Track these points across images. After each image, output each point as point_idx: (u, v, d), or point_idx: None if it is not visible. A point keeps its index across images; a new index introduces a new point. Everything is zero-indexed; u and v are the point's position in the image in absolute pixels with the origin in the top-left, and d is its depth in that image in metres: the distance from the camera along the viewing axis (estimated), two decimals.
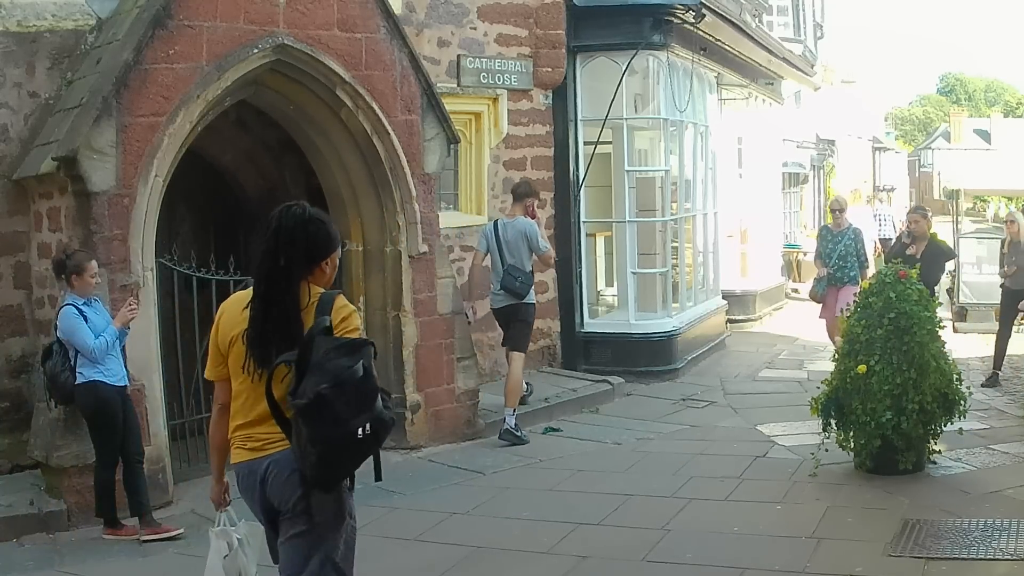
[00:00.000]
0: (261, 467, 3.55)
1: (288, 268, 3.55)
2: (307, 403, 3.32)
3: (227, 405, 3.71)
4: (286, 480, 3.50)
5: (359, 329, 3.61)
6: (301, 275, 3.57)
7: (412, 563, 5.95)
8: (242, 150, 9.07)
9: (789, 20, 23.27)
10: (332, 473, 3.45)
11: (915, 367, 6.90)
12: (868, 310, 7.17)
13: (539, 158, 11.33)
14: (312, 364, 3.37)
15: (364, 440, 3.36)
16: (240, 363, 3.58)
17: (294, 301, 3.53)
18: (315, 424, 3.33)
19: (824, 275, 11.15)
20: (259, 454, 3.56)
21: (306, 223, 3.66)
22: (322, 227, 3.68)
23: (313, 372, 3.35)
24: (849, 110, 38.15)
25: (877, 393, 6.87)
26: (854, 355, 7.09)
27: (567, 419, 9.50)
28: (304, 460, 3.41)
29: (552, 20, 11.12)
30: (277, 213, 3.73)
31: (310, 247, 3.62)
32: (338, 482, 3.51)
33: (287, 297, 3.53)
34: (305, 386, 3.34)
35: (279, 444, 3.51)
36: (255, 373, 3.54)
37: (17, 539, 6.45)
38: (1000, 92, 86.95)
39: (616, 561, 5.79)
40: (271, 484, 3.54)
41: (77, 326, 6.31)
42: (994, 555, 5.51)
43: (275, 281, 3.54)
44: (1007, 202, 44.25)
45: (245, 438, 3.62)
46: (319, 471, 3.41)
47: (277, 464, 3.52)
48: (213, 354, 3.72)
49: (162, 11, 7.01)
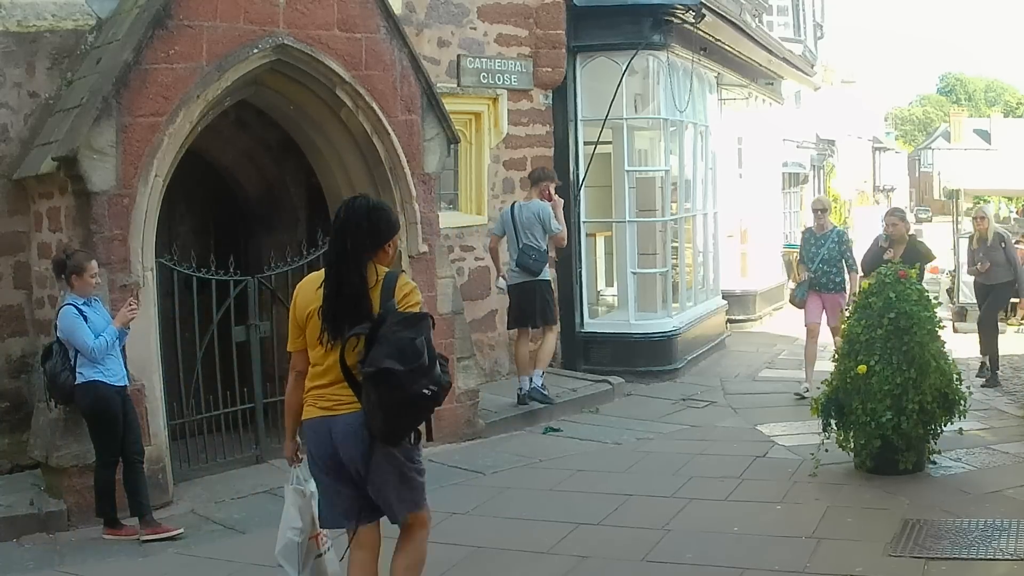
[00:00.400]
0: (333, 425, 4.11)
1: (356, 252, 4.07)
2: (375, 371, 3.89)
3: (303, 373, 4.27)
4: (355, 437, 4.05)
5: (420, 304, 4.16)
6: (367, 257, 4.10)
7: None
8: (242, 150, 9.07)
9: (789, 20, 23.27)
10: (397, 432, 4.03)
11: (915, 367, 6.90)
12: (868, 310, 7.17)
13: (539, 158, 11.32)
14: (379, 336, 3.93)
15: (424, 402, 3.97)
16: (316, 335, 4.13)
17: (363, 281, 4.06)
18: (381, 389, 3.90)
19: (805, 279, 10.34)
20: (331, 413, 4.12)
21: (369, 212, 4.17)
22: (383, 214, 4.23)
23: (380, 343, 3.91)
24: (849, 110, 38.19)
25: (877, 393, 6.87)
26: (854, 355, 7.10)
27: (567, 419, 9.49)
28: (372, 420, 3.98)
29: (552, 20, 11.12)
30: (343, 204, 4.24)
31: (373, 232, 4.13)
32: (401, 438, 4.06)
33: (356, 277, 4.06)
34: (373, 356, 3.91)
35: (349, 406, 4.07)
36: (328, 343, 4.08)
37: (17, 539, 6.45)
38: (1000, 92, 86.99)
39: (616, 561, 5.79)
40: (342, 441, 4.08)
41: (77, 326, 6.31)
42: (994, 555, 5.51)
43: (345, 264, 4.07)
44: (1007, 202, 44.28)
45: (318, 397, 4.18)
46: (386, 430, 3.99)
47: (348, 425, 4.06)
48: (292, 328, 4.29)
49: (162, 11, 7.01)
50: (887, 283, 7.20)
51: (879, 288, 7.21)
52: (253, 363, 8.07)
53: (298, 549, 4.54)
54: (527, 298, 9.46)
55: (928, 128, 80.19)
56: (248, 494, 7.35)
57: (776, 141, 19.16)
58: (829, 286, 10.24)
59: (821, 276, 10.23)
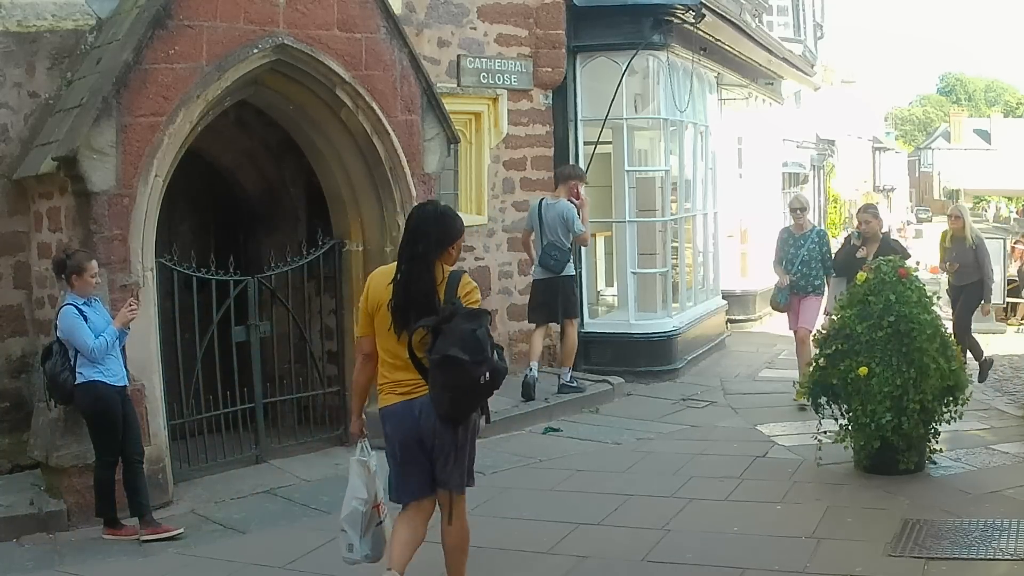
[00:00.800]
0: (415, 407, 4.63)
1: (426, 253, 4.59)
2: (441, 358, 4.41)
3: (370, 355, 4.84)
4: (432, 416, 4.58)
5: (479, 301, 4.73)
6: (435, 257, 4.61)
7: (412, 563, 5.94)
8: (242, 150, 9.07)
9: (789, 20, 23.28)
10: (461, 411, 4.60)
11: (915, 367, 6.90)
12: (867, 308, 7.12)
13: (539, 158, 11.32)
14: (444, 328, 4.44)
15: (484, 386, 4.50)
16: (386, 326, 4.63)
17: (432, 278, 4.59)
18: (448, 374, 4.43)
19: (786, 283, 9.84)
20: (410, 396, 4.65)
21: (437, 218, 4.72)
22: (450, 219, 4.79)
23: (446, 334, 4.43)
24: (849, 110, 38.19)
25: (877, 395, 6.86)
26: (854, 355, 7.07)
27: (567, 419, 9.49)
28: (439, 402, 4.52)
29: (552, 20, 11.12)
30: (414, 211, 4.84)
31: (441, 236, 4.65)
32: (466, 417, 4.64)
33: (426, 275, 4.59)
34: (440, 345, 4.43)
35: (423, 389, 4.59)
36: (398, 334, 4.58)
37: (17, 539, 6.45)
38: (1000, 92, 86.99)
39: (616, 561, 5.79)
40: (424, 419, 4.60)
41: (77, 326, 6.31)
42: (994, 555, 5.51)
43: (416, 264, 4.60)
44: (1007, 202, 44.27)
45: (395, 385, 4.69)
46: (451, 410, 4.55)
47: (426, 405, 4.58)
48: (362, 317, 4.82)
49: (162, 11, 7.01)
50: (887, 282, 7.16)
51: (878, 287, 7.16)
52: (253, 363, 8.07)
53: (362, 517, 4.99)
54: (550, 294, 9.81)
55: (928, 128, 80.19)
56: (248, 494, 7.35)
57: (776, 141, 19.15)
58: (808, 288, 9.82)
59: (800, 279, 9.81)
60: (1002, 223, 40.01)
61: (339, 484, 7.52)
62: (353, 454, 5.07)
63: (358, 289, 8.50)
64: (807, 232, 10.00)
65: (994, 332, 14.44)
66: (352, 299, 8.58)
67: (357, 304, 8.44)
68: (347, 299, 8.62)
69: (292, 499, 7.26)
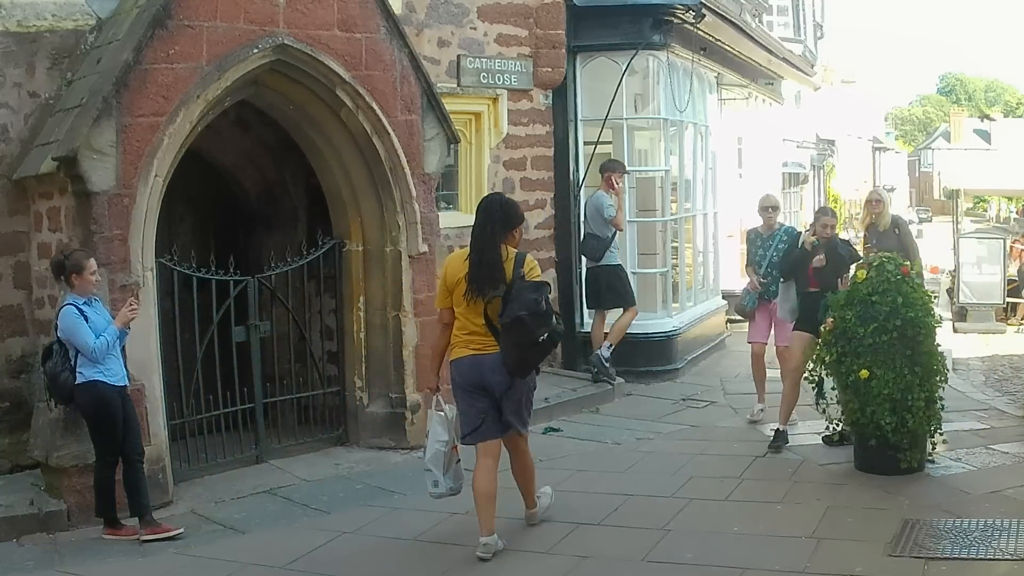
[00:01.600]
0: (484, 361, 5.75)
1: (494, 235, 5.71)
2: (510, 322, 5.60)
3: (448, 325, 5.91)
4: (500, 370, 5.72)
5: (540, 275, 5.94)
6: (501, 239, 5.73)
7: (412, 563, 5.96)
8: (242, 150, 9.07)
9: (789, 20, 23.29)
10: (526, 367, 5.76)
11: (919, 368, 6.90)
12: (870, 309, 7.05)
13: (539, 158, 11.32)
14: (512, 297, 5.63)
15: (543, 345, 5.69)
16: (462, 295, 5.72)
17: (499, 255, 5.69)
18: (516, 334, 5.62)
19: (756, 287, 9.21)
20: (480, 353, 5.77)
21: (503, 206, 5.90)
22: (513, 207, 5.96)
23: (512, 302, 5.62)
24: (849, 110, 38.20)
25: (876, 397, 6.85)
26: (855, 356, 7.05)
27: (567, 419, 9.49)
28: (508, 359, 5.68)
29: (552, 20, 11.12)
30: (483, 201, 6.05)
31: (505, 220, 5.79)
32: (529, 371, 5.81)
33: (495, 253, 5.68)
34: (509, 310, 5.61)
35: (493, 348, 5.72)
36: (473, 302, 5.71)
37: (17, 539, 6.46)
38: (1000, 92, 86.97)
39: (616, 561, 5.79)
40: (491, 373, 5.72)
41: (77, 326, 6.31)
42: (994, 555, 5.51)
43: (485, 243, 5.71)
44: (1008, 202, 44.20)
45: (468, 342, 5.81)
46: (518, 366, 5.71)
47: (495, 361, 5.71)
48: (440, 291, 5.99)
49: (162, 11, 7.01)
50: (892, 283, 7.07)
51: (882, 286, 7.07)
52: (253, 363, 8.07)
53: (444, 457, 6.12)
54: (594, 283, 10.49)
55: (928, 128, 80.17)
56: (248, 494, 7.36)
57: (776, 141, 19.16)
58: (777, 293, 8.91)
59: (771, 283, 9.03)
60: (1002, 223, 40.01)
61: (339, 484, 7.59)
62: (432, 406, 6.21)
63: (358, 289, 8.55)
64: (775, 231, 9.36)
65: (994, 332, 14.45)
66: (352, 299, 8.59)
67: (356, 304, 8.52)
68: (347, 299, 8.62)
69: (292, 499, 7.26)
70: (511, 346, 5.64)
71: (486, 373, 5.74)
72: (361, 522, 6.71)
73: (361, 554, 6.14)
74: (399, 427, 8.46)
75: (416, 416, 8.47)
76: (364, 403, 8.59)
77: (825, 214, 8.67)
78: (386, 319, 8.52)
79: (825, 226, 8.36)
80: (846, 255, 8.30)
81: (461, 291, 5.72)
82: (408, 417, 8.45)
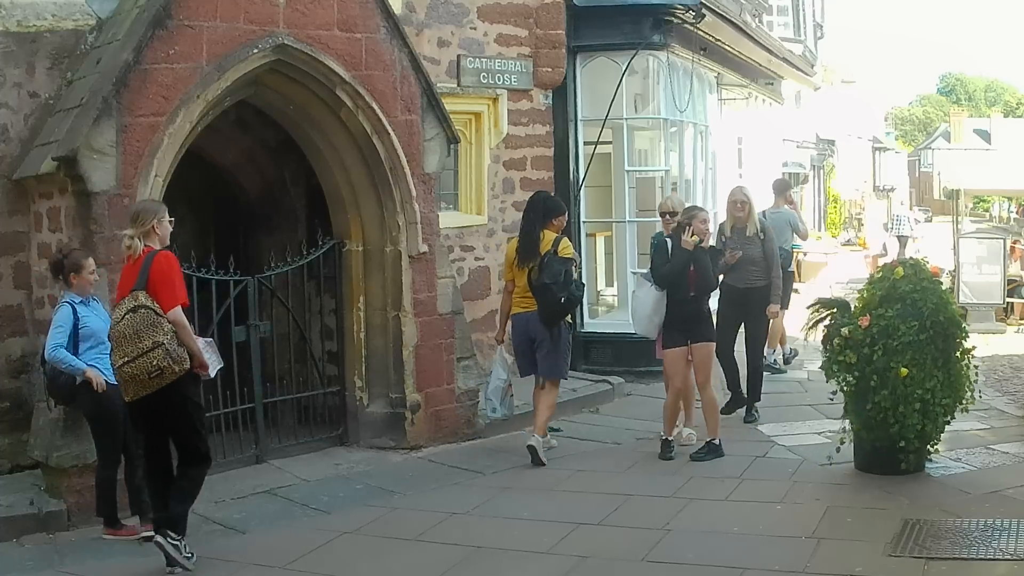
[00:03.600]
0: (530, 316, 7.93)
1: (534, 220, 8.03)
2: (540, 286, 7.80)
3: (511, 291, 8.12)
4: (537, 324, 7.88)
5: (571, 253, 8.00)
6: (543, 226, 7.97)
7: (412, 563, 5.95)
8: (242, 150, 9.07)
9: (789, 20, 23.30)
10: (554, 321, 7.88)
11: (944, 370, 6.90)
12: (911, 307, 6.92)
13: (539, 158, 11.32)
14: (543, 268, 7.79)
15: (565, 304, 7.85)
16: (514, 265, 8.03)
17: (537, 237, 7.93)
18: (545, 296, 7.80)
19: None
20: (528, 310, 7.96)
21: (544, 200, 8.23)
22: (553, 202, 8.28)
23: (544, 271, 7.79)
24: (849, 110, 38.18)
25: (910, 396, 6.83)
26: (892, 353, 6.87)
27: (567, 419, 9.48)
28: (541, 313, 7.86)
29: (552, 20, 11.11)
30: (531, 197, 8.41)
31: (545, 211, 8.05)
32: (555, 324, 7.89)
33: (534, 235, 7.95)
34: (539, 279, 7.80)
35: (534, 307, 7.89)
36: (520, 269, 7.97)
37: (17, 539, 6.46)
38: (1000, 92, 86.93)
39: (616, 561, 5.79)
40: (533, 326, 7.92)
41: (58, 324, 6.30)
42: (994, 555, 5.51)
43: (528, 227, 8.05)
44: (1008, 202, 44.18)
45: (520, 300, 8.02)
46: (547, 320, 7.86)
47: (534, 315, 7.90)
48: (506, 265, 8.29)
49: (162, 11, 7.01)
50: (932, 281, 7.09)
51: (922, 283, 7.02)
52: (253, 363, 8.07)
53: (502, 392, 8.30)
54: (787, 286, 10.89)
55: (928, 128, 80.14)
56: (248, 494, 7.36)
57: (776, 141, 19.16)
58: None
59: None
60: (1004, 223, 40.01)
61: (339, 484, 7.59)
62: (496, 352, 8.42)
63: (358, 289, 8.55)
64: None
65: (994, 332, 14.43)
66: (352, 299, 8.59)
67: (356, 304, 8.53)
68: (347, 299, 8.62)
69: (292, 499, 7.26)
70: (542, 304, 7.80)
71: (530, 325, 7.90)
72: (361, 522, 6.71)
73: (361, 554, 6.14)
74: (399, 427, 8.46)
75: (416, 416, 8.47)
76: (364, 403, 8.58)
77: (700, 210, 8.25)
78: (386, 319, 8.52)
79: (704, 221, 7.93)
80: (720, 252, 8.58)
81: (512, 264, 8.05)
82: (408, 417, 8.45)
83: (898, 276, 7.11)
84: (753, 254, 9.01)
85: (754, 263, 9.03)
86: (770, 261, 9.09)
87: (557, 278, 7.66)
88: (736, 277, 9.02)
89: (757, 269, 9.04)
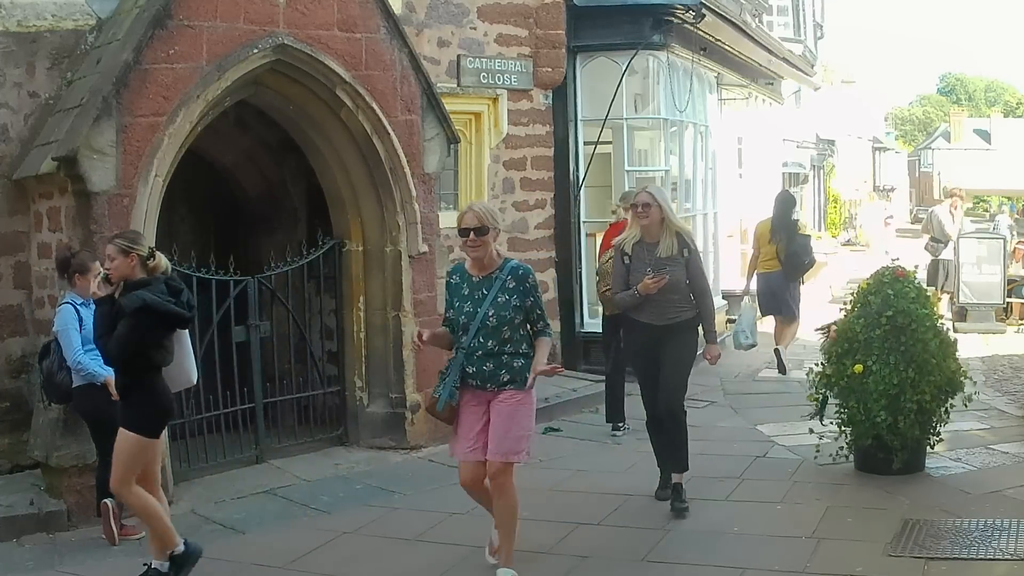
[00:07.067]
0: (772, 275, 11.29)
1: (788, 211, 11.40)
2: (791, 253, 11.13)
3: (757, 257, 11.22)
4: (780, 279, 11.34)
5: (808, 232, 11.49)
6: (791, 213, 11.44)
7: (412, 563, 5.95)
8: (242, 150, 9.07)
9: (789, 20, 23.29)
10: (796, 275, 11.37)
11: (914, 366, 6.88)
12: (867, 308, 7.12)
13: (539, 158, 11.32)
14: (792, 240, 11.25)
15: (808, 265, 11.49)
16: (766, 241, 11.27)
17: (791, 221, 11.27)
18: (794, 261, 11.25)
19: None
20: (771, 270, 11.32)
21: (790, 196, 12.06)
22: (793, 198, 11.56)
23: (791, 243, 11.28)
24: (849, 110, 38.16)
25: (873, 393, 6.86)
26: (852, 354, 7.07)
27: (567, 419, 9.49)
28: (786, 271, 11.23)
29: (552, 20, 11.12)
30: (781, 194, 11.63)
31: (792, 203, 11.53)
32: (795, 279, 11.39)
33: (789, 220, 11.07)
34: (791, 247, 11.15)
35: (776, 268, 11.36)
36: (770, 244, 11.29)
37: (17, 539, 6.46)
38: (1000, 92, 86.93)
39: (616, 561, 5.79)
40: (774, 280, 11.36)
41: (71, 331, 6.29)
42: (994, 555, 5.50)
43: (785, 214, 11.21)
44: (1008, 202, 44.18)
45: (765, 263, 11.30)
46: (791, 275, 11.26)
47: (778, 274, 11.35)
48: (758, 240, 11.42)
49: (162, 11, 7.01)
50: (885, 281, 7.16)
51: (877, 287, 7.17)
52: (253, 363, 8.07)
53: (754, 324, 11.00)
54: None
55: (928, 128, 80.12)
56: (248, 494, 7.36)
57: (776, 141, 19.15)
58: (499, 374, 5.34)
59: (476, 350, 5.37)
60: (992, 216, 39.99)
61: (339, 484, 7.59)
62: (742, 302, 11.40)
63: (358, 289, 8.55)
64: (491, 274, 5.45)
65: (994, 332, 14.43)
66: (352, 299, 8.59)
67: (356, 304, 8.51)
68: (347, 299, 8.62)
69: (292, 499, 7.26)
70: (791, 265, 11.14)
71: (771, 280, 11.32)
72: (361, 522, 6.71)
73: (361, 554, 6.14)
74: (399, 427, 8.46)
75: (416, 416, 8.46)
76: (364, 403, 8.58)
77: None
78: (386, 319, 8.52)
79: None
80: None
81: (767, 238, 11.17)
82: (408, 417, 8.45)
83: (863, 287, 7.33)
84: (676, 276, 6.43)
85: (676, 290, 6.45)
86: (697, 296, 6.55)
87: (806, 247, 11.19)
88: (653, 312, 6.46)
89: (679, 297, 6.49)
